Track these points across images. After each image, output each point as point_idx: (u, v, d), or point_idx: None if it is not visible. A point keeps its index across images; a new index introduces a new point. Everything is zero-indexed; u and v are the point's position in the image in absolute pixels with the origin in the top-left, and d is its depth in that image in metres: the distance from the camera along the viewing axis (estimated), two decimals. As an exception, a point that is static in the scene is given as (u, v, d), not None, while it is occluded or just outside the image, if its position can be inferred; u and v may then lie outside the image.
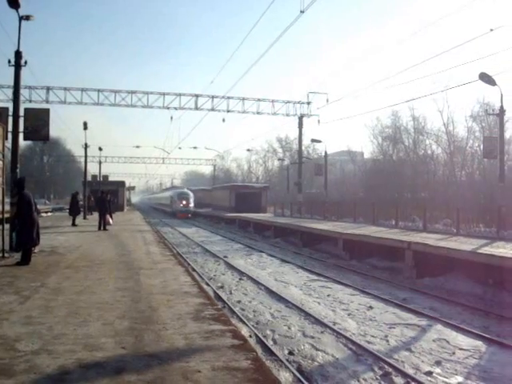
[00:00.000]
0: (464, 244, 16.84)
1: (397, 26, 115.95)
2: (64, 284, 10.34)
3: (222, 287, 15.10)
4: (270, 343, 9.24)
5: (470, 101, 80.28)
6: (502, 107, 23.56)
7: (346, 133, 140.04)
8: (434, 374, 7.70)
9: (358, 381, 7.44)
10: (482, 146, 31.20)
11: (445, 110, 56.29)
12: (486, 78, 22.83)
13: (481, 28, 77.15)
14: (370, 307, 12.49)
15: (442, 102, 68.01)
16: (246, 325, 10.46)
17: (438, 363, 8.26)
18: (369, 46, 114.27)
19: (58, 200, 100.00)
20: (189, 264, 19.13)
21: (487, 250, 15.23)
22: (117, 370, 5.21)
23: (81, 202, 42.53)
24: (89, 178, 55.42)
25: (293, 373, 7.61)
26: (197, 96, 46.46)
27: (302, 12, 14.69)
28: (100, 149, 52.13)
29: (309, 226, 28.12)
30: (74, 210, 30.99)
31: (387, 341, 9.60)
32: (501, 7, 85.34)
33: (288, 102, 47.49)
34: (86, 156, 41.29)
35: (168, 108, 46.22)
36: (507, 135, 41.75)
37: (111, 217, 32.79)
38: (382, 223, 28.58)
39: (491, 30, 23.66)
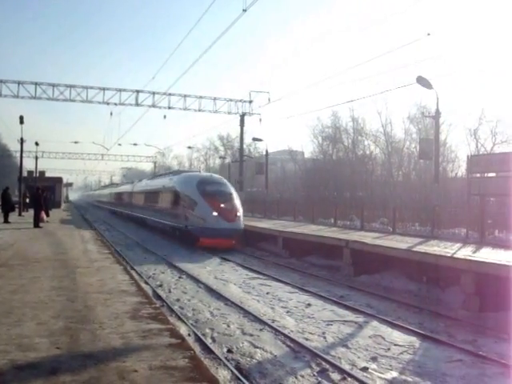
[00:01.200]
0: (400, 242, 17.28)
1: (341, 23, 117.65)
2: (-4, 283, 10.02)
3: (160, 285, 14.95)
4: (208, 341, 9.21)
5: (408, 103, 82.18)
6: (437, 110, 24.22)
7: (288, 132, 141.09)
8: (369, 370, 7.86)
9: (296, 377, 7.52)
10: (418, 148, 32.03)
11: (383, 112, 57.48)
12: (422, 82, 23.41)
13: (419, 31, 79.25)
14: (309, 304, 12.64)
15: (381, 103, 69.37)
16: (185, 323, 10.40)
17: (373, 359, 8.44)
18: (311, 43, 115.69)
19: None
20: (127, 262, 18.83)
21: (422, 248, 15.68)
22: (51, 370, 5.08)
23: (16, 199, 41.26)
24: (25, 174, 53.90)
25: (231, 370, 7.62)
26: (138, 92, 45.76)
27: (244, 11, 14.69)
28: (36, 144, 50.74)
29: (249, 225, 28.19)
30: (5, 207, 30.03)
31: (325, 337, 9.74)
32: (438, 12, 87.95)
33: (230, 100, 47.41)
34: (21, 151, 40.07)
35: (108, 103, 45.30)
36: (442, 137, 42.98)
37: (47, 214, 32.01)
38: (321, 222, 28.99)
39: (428, 34, 24.32)
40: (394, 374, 7.82)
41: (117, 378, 4.92)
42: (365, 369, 7.90)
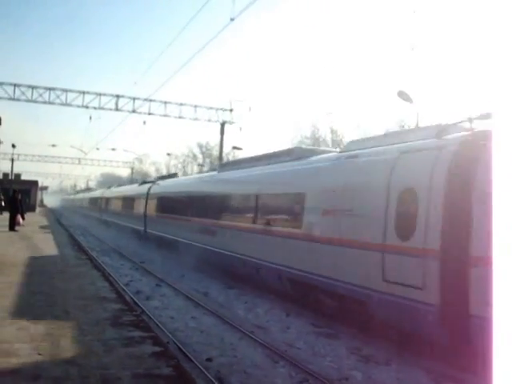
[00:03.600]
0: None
1: (324, 35, 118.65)
2: (-27, 287, 9.89)
3: (138, 292, 14.86)
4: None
5: (387, 116, 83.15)
6: (417, 124, 24.56)
7: (268, 142, 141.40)
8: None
9: None
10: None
11: (362, 124, 58.12)
12: (403, 96, 23.73)
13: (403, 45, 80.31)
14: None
15: (360, 115, 70.00)
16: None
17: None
18: (294, 54, 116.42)
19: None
20: (105, 268, 18.70)
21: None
22: (33, 377, 5.06)
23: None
24: (0, 176, 53.34)
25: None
26: (118, 97, 45.49)
27: (232, 20, 14.73)
28: (13, 146, 50.22)
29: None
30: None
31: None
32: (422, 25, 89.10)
33: (211, 108, 47.47)
34: (-3, 153, 39.68)
35: (87, 107, 44.96)
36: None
37: (23, 217, 31.65)
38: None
39: (412, 48, 24.74)
40: None
41: (101, 386, 4.91)
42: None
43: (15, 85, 42.68)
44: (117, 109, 45.53)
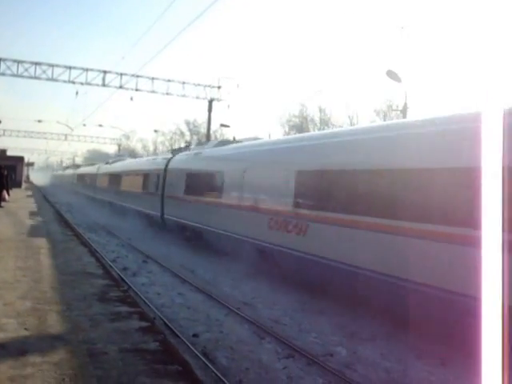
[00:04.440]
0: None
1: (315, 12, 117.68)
2: (-41, 262, 9.85)
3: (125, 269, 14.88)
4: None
5: (376, 95, 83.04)
6: (405, 104, 24.54)
7: (255, 119, 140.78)
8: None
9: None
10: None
11: (351, 103, 58.08)
12: (392, 75, 23.67)
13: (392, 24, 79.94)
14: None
15: (349, 94, 70.02)
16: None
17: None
18: (283, 32, 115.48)
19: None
20: (91, 244, 18.67)
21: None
22: (20, 351, 5.06)
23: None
24: (-15, 152, 52.87)
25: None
26: (105, 72, 44.99)
27: (221, -5, 14.54)
28: (-1, 121, 49.70)
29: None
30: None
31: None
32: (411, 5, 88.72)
33: (198, 84, 47.15)
34: (-18, 128, 39.21)
35: (74, 82, 44.47)
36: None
37: (8, 193, 31.44)
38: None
39: (402, 27, 24.64)
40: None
41: (88, 360, 4.93)
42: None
43: (0, 59, 42.09)
44: (104, 84, 45.05)
